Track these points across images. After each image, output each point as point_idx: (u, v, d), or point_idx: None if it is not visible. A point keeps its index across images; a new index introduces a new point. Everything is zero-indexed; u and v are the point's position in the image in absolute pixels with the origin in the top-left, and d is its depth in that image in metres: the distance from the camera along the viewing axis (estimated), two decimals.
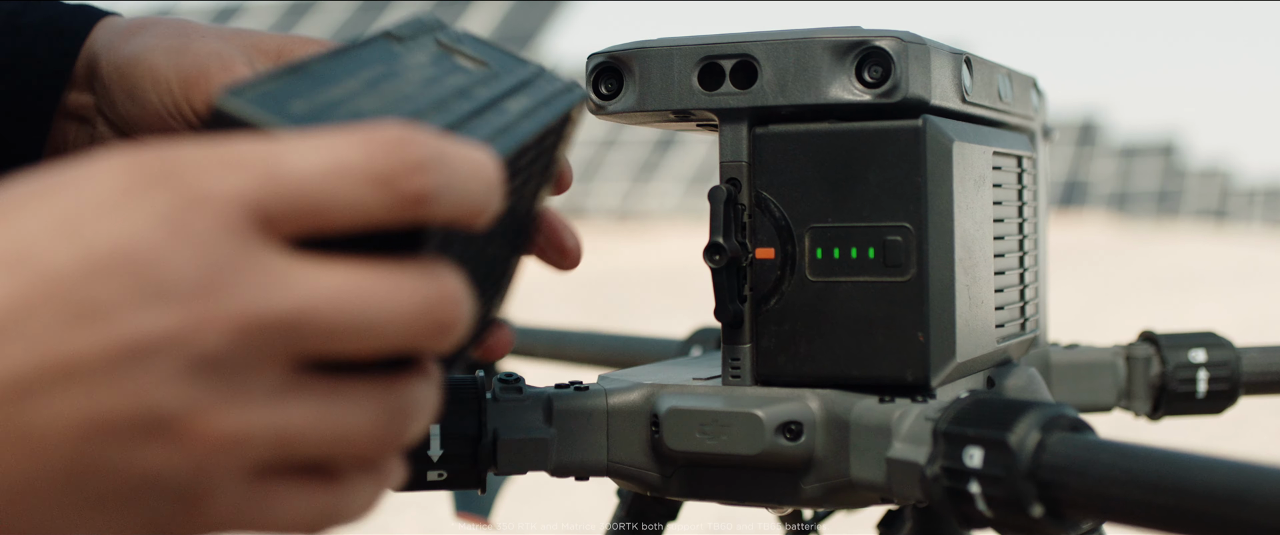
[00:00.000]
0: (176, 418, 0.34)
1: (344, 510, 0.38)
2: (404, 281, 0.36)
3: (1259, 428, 3.46)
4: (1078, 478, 0.47)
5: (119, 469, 0.34)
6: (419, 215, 0.36)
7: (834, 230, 0.57)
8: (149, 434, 0.33)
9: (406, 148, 0.35)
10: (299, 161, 0.35)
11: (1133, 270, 10.74)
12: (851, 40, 0.57)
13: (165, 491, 0.34)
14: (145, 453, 0.34)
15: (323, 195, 0.35)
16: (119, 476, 0.34)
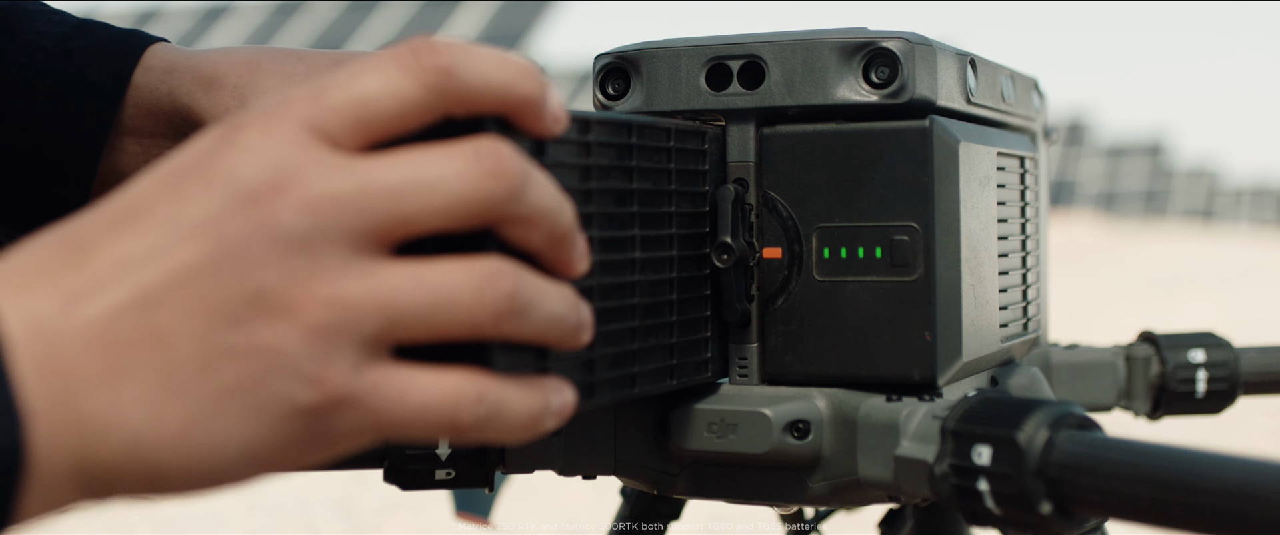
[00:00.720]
0: (277, 290, 0.39)
1: (485, 401, 0.41)
2: (459, 150, 0.41)
3: (1252, 427, 3.47)
4: (1086, 475, 0.48)
5: (241, 349, 0.39)
6: (452, 90, 0.41)
7: (841, 230, 0.57)
8: (258, 310, 0.39)
9: (424, 39, 0.41)
10: (339, 78, 0.41)
11: (1121, 270, 10.76)
12: (859, 41, 0.57)
13: (287, 368, 0.39)
14: (260, 329, 0.39)
15: (362, 94, 0.41)
16: (244, 358, 0.39)
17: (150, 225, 0.39)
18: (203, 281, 0.39)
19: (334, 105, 0.40)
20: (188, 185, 0.39)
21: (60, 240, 0.39)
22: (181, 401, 0.39)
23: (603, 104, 0.61)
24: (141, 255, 0.39)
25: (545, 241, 0.43)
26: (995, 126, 0.66)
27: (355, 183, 0.40)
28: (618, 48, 0.61)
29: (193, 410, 0.39)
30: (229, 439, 0.39)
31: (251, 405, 0.39)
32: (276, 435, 0.40)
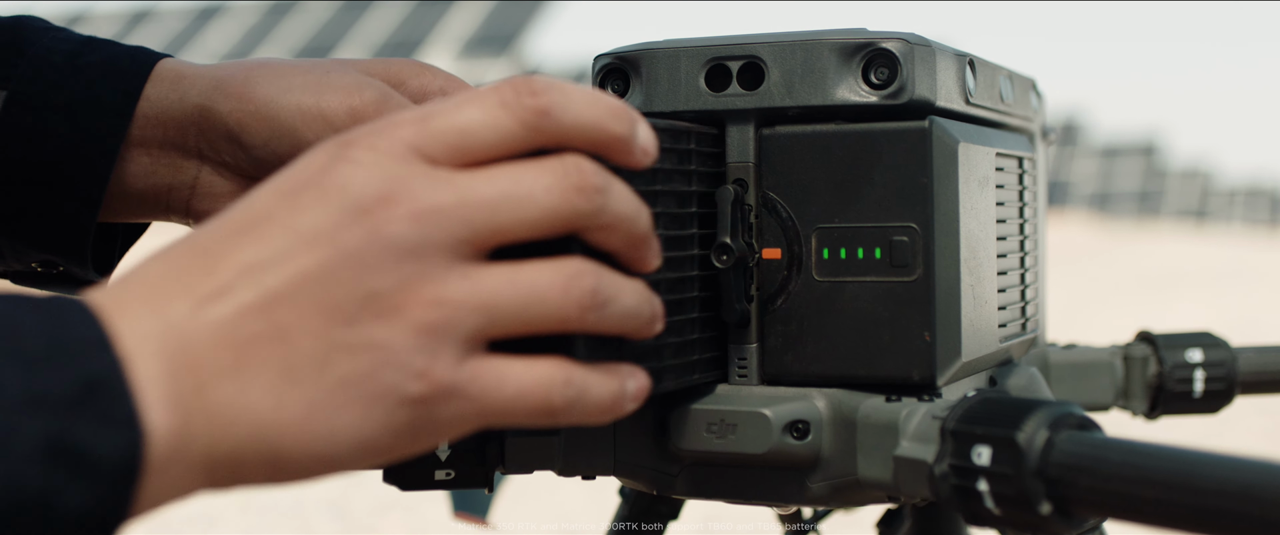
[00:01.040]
0: (387, 293, 0.43)
1: (573, 386, 0.46)
2: (548, 167, 0.46)
3: (1247, 427, 3.48)
4: (1086, 476, 0.48)
5: (356, 345, 0.43)
6: (547, 128, 0.46)
7: (840, 230, 0.57)
8: (371, 311, 0.43)
9: (526, 80, 0.46)
10: (444, 108, 0.46)
11: (1115, 270, 10.78)
12: (858, 42, 0.57)
13: (397, 362, 0.43)
14: (373, 328, 0.43)
15: (465, 125, 0.46)
16: (358, 353, 0.43)
17: (271, 233, 0.43)
18: (320, 284, 0.43)
19: (438, 130, 0.45)
20: (303, 197, 0.44)
21: (189, 248, 0.43)
22: (301, 392, 0.43)
23: None
24: (264, 261, 0.43)
25: (624, 244, 0.48)
26: (994, 127, 0.66)
27: (456, 196, 0.44)
28: (617, 48, 0.61)
29: (312, 400, 0.43)
30: (344, 427, 0.43)
31: (365, 396, 0.43)
32: (387, 424, 0.44)
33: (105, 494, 0.39)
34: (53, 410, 0.38)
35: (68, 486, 0.38)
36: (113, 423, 0.39)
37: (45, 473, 0.38)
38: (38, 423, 0.38)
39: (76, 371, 0.39)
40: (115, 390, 0.39)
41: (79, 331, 0.40)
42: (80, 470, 0.38)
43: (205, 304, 0.42)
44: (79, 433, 0.38)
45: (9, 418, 0.38)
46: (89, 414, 0.39)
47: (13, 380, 0.38)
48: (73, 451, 0.38)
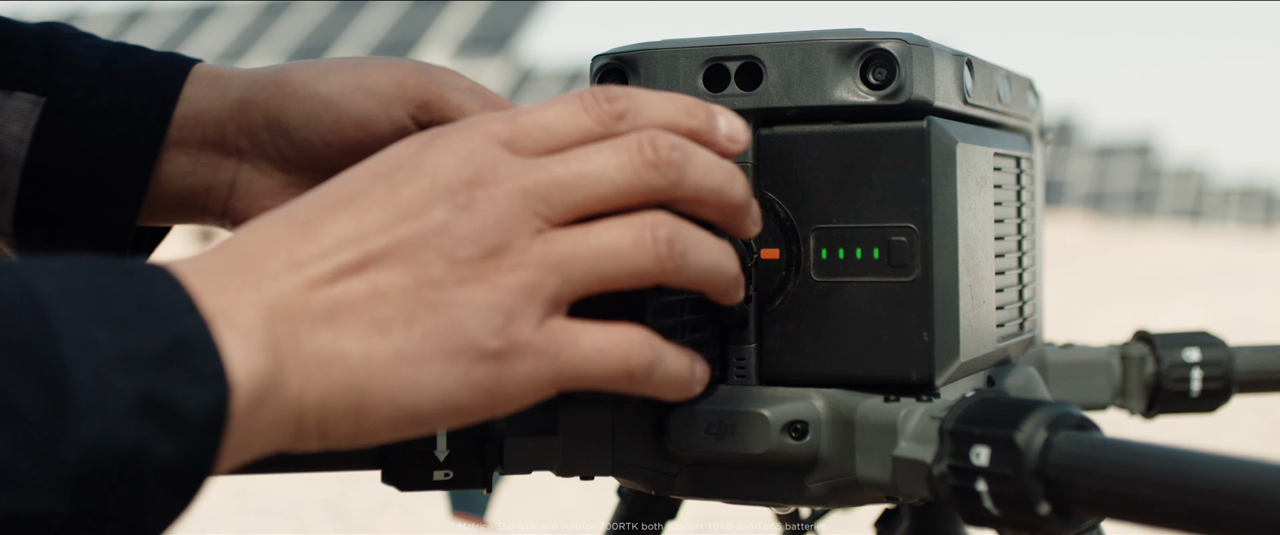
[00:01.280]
0: (471, 262, 0.47)
1: (652, 349, 0.50)
2: (623, 144, 0.50)
3: (1242, 426, 3.48)
4: (1085, 476, 0.48)
5: (442, 304, 0.47)
6: (623, 129, 0.51)
7: (839, 231, 0.57)
8: (457, 276, 0.47)
9: (603, 89, 0.51)
10: (530, 108, 0.51)
11: (1110, 270, 10.78)
12: (856, 42, 0.57)
13: (478, 320, 0.47)
14: (458, 291, 0.47)
15: (548, 121, 0.50)
16: (444, 310, 0.47)
17: (368, 207, 0.47)
18: (413, 251, 0.47)
19: (524, 126, 0.50)
20: (398, 175, 0.48)
21: (285, 221, 0.47)
22: (389, 342, 0.46)
23: None
24: (364, 231, 0.47)
25: (716, 213, 0.52)
26: (991, 127, 0.66)
27: (535, 178, 0.49)
28: (615, 49, 0.61)
29: (399, 350, 0.46)
30: (427, 379, 0.47)
31: (447, 349, 0.47)
32: (466, 379, 0.47)
33: (195, 446, 0.41)
34: (144, 367, 0.40)
35: (160, 440, 0.40)
36: (200, 379, 0.41)
37: (139, 427, 0.40)
38: (131, 379, 0.40)
39: (166, 331, 0.41)
40: (202, 348, 0.42)
41: (165, 295, 0.42)
42: (171, 424, 0.40)
43: (305, 264, 0.46)
44: (169, 388, 0.40)
45: (104, 375, 0.39)
46: (178, 371, 0.41)
47: (107, 339, 0.40)
48: (164, 406, 0.40)
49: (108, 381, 0.39)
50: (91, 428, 0.39)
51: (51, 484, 0.38)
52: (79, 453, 0.39)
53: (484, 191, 0.48)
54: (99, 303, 0.41)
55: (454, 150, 0.49)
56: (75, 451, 0.38)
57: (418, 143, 0.50)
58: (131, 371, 0.40)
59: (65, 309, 0.40)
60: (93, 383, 0.39)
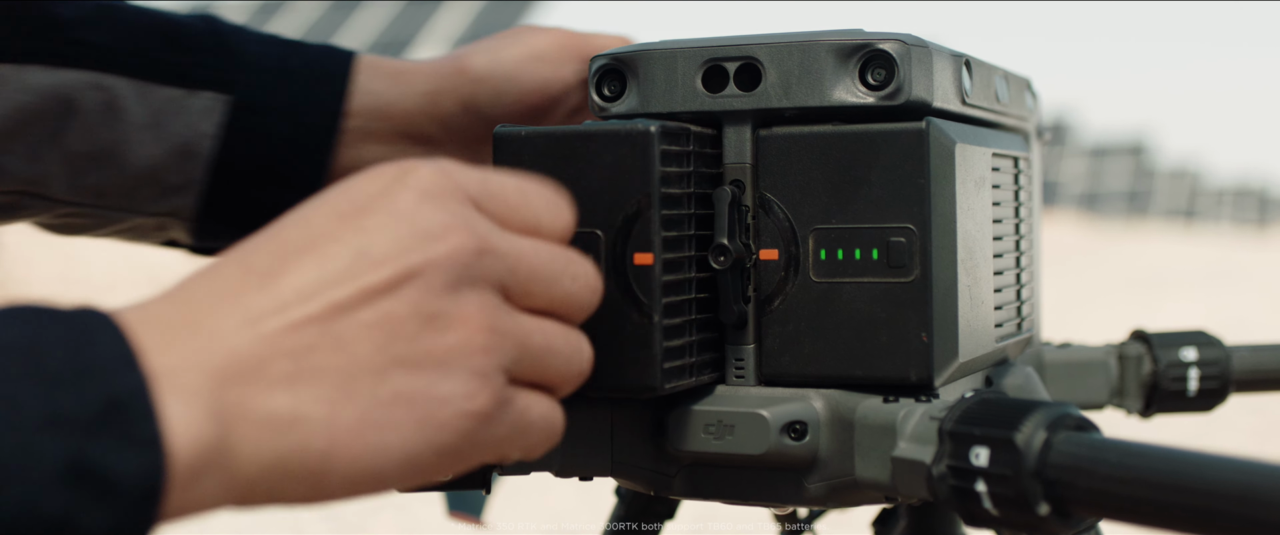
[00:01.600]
0: (448, 314, 0.46)
1: (557, 427, 0.51)
2: (558, 248, 0.51)
3: (1236, 426, 3.49)
4: (1084, 476, 0.48)
5: (415, 359, 0.45)
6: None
7: (838, 231, 0.57)
8: (432, 329, 0.46)
9: (554, 196, 0.52)
10: (500, 178, 0.51)
11: (1104, 270, 10.79)
12: (855, 43, 0.57)
13: (454, 378, 0.46)
14: (433, 343, 0.46)
15: (513, 197, 0.50)
16: (416, 368, 0.45)
17: (334, 253, 0.45)
18: (384, 302, 0.45)
19: (492, 191, 0.50)
20: (368, 220, 0.46)
21: (239, 268, 0.45)
22: (356, 403, 0.44)
23: (599, 106, 0.61)
24: (327, 278, 0.45)
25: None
26: (990, 127, 0.66)
27: (506, 246, 0.49)
28: (614, 50, 0.61)
29: (366, 412, 0.44)
30: (395, 442, 0.45)
31: (419, 412, 0.45)
32: (434, 442, 0.46)
33: (126, 516, 0.38)
34: (73, 431, 0.38)
35: (89, 509, 0.38)
36: (135, 443, 0.39)
37: (66, 495, 0.37)
38: (58, 444, 0.37)
39: (99, 390, 0.39)
40: (138, 410, 0.39)
41: (105, 349, 0.40)
42: (101, 492, 0.38)
43: (262, 318, 0.43)
44: (100, 454, 0.38)
45: (29, 438, 0.37)
46: (110, 434, 0.38)
47: (33, 400, 0.38)
48: (94, 473, 0.38)
49: (31, 446, 0.37)
50: (11, 496, 0.36)
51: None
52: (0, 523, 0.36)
53: (461, 243, 0.47)
54: (27, 359, 0.38)
55: (428, 195, 0.47)
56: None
57: (383, 179, 0.48)
58: (59, 435, 0.38)
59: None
60: (14, 446, 0.37)
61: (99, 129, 0.73)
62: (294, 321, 0.44)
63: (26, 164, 0.72)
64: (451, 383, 0.46)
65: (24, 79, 0.71)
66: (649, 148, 0.55)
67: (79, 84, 0.72)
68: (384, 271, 0.45)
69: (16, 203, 0.74)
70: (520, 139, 0.57)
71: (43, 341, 0.39)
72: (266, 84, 0.74)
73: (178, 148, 0.74)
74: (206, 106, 0.74)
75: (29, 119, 0.72)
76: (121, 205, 0.75)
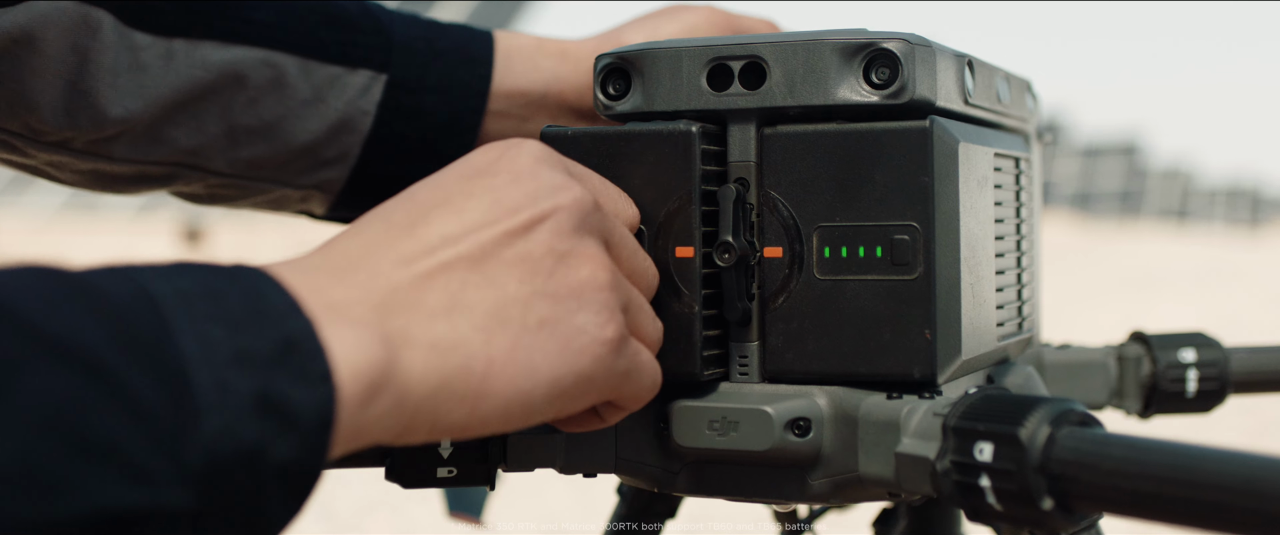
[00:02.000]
0: (576, 252, 0.52)
1: (657, 378, 0.56)
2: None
3: (1228, 426, 3.49)
4: (1088, 471, 0.48)
5: (555, 292, 0.51)
6: None
7: (842, 229, 0.58)
8: (566, 265, 0.51)
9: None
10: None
11: (1097, 270, 10.80)
12: (860, 42, 0.58)
13: (590, 308, 0.51)
14: (564, 273, 0.51)
15: (597, 179, 0.57)
16: (558, 298, 0.51)
17: (472, 206, 0.51)
18: (521, 242, 0.50)
19: (585, 171, 0.56)
20: (496, 178, 0.52)
21: (383, 224, 0.50)
22: (508, 330, 0.49)
23: (604, 104, 0.62)
24: (469, 226, 0.50)
25: None
26: (991, 127, 0.67)
27: (610, 211, 0.56)
28: (618, 48, 0.62)
29: (517, 338, 0.49)
30: (543, 365, 0.50)
31: (561, 338, 0.50)
32: (576, 367, 0.51)
33: (307, 445, 0.41)
34: (258, 367, 0.41)
35: (276, 437, 0.41)
36: (309, 379, 0.42)
37: (258, 425, 0.40)
38: (247, 378, 0.40)
39: (274, 332, 0.42)
40: (309, 349, 0.42)
41: (272, 297, 0.43)
42: (286, 422, 0.41)
43: (414, 261, 0.48)
44: (282, 388, 0.41)
45: (222, 373, 0.40)
46: (288, 371, 0.41)
47: (223, 339, 0.40)
48: (278, 405, 0.41)
49: (225, 380, 0.40)
50: (212, 425, 0.39)
51: (179, 480, 0.38)
52: (201, 451, 0.39)
53: (580, 195, 0.52)
54: (211, 303, 0.41)
55: (541, 159, 0.53)
56: (198, 449, 0.39)
57: (496, 149, 0.53)
58: (247, 371, 0.40)
59: (180, 308, 0.40)
60: (212, 381, 0.39)
61: (265, 104, 0.76)
62: (445, 261, 0.49)
63: (191, 136, 0.75)
64: (586, 313, 0.51)
65: (199, 54, 0.74)
66: (691, 147, 0.57)
67: (250, 60, 0.75)
68: (520, 216, 0.51)
69: (172, 173, 0.77)
70: (566, 138, 0.60)
71: (219, 289, 0.42)
72: (420, 63, 0.78)
73: (337, 123, 0.77)
74: (365, 84, 0.77)
75: (201, 93, 0.74)
76: (274, 177, 0.79)
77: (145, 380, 0.38)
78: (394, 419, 0.46)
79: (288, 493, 0.41)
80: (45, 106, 0.71)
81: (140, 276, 0.41)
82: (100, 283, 0.40)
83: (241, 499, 0.40)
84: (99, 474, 0.36)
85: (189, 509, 0.38)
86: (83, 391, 0.37)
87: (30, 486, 0.35)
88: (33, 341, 0.37)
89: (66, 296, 0.39)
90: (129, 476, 0.37)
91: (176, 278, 0.42)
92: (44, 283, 0.39)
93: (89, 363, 0.37)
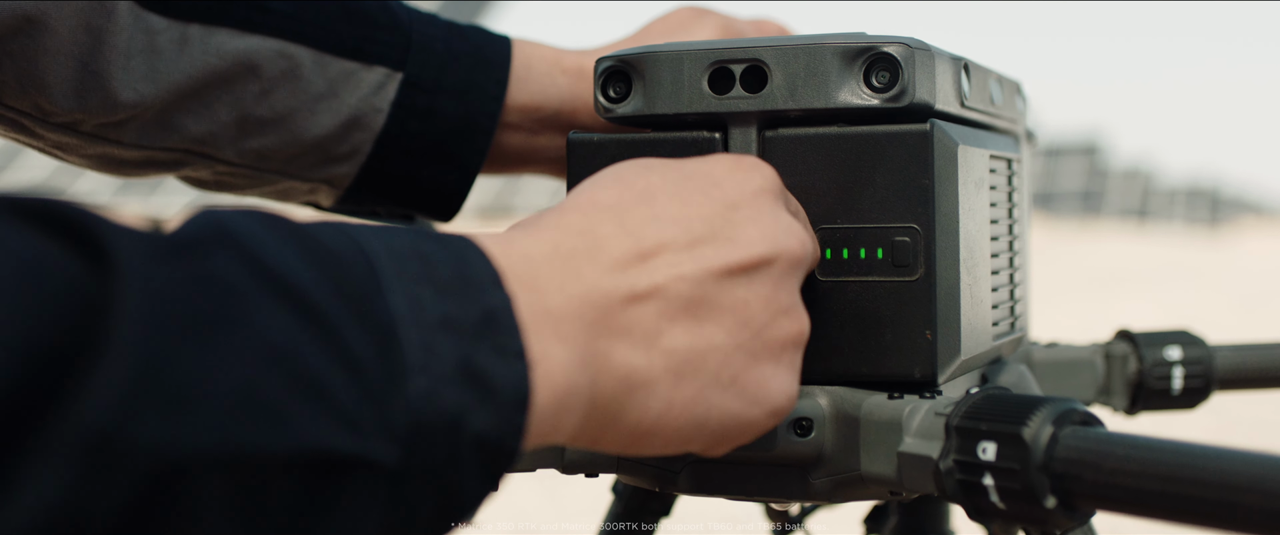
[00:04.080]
0: (792, 306, 0.52)
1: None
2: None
3: (1193, 425, 3.52)
4: (1091, 470, 0.49)
5: (757, 347, 0.50)
6: None
7: (843, 231, 0.58)
8: (775, 318, 0.51)
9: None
10: None
11: (1059, 268, 10.87)
12: (860, 46, 0.58)
13: (785, 365, 0.51)
14: (774, 329, 0.51)
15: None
16: (758, 353, 0.50)
17: (697, 224, 0.50)
18: (743, 287, 0.50)
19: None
20: (731, 198, 0.51)
21: (614, 221, 0.49)
22: (698, 379, 0.48)
23: (604, 107, 0.62)
24: (691, 241, 0.49)
25: None
26: (986, 129, 0.67)
27: (814, 246, 0.56)
28: (620, 51, 0.62)
29: (703, 390, 0.49)
30: (715, 419, 0.49)
31: (748, 398, 0.50)
32: (747, 422, 0.50)
33: (504, 419, 0.41)
34: (463, 335, 0.40)
35: (475, 407, 0.40)
36: (506, 355, 0.41)
37: (459, 392, 0.40)
38: (452, 344, 0.40)
39: (478, 302, 0.41)
40: (507, 325, 0.42)
41: (477, 267, 0.43)
42: (485, 393, 0.40)
43: (628, 267, 0.47)
44: (483, 358, 0.41)
45: (429, 336, 0.40)
46: (488, 343, 0.41)
47: (431, 302, 0.40)
48: (479, 375, 0.40)
49: (432, 343, 0.40)
50: (418, 386, 0.39)
51: (386, 436, 0.38)
52: (406, 410, 0.38)
53: (802, 240, 0.53)
54: (422, 266, 0.41)
55: (776, 194, 0.53)
56: (403, 408, 0.38)
57: (729, 164, 0.53)
58: (452, 337, 0.40)
59: (392, 267, 0.40)
60: (419, 342, 0.39)
61: (278, 96, 0.75)
62: (659, 283, 0.48)
63: (200, 123, 0.75)
64: (780, 375, 0.51)
65: (214, 42, 0.73)
66: (715, 152, 0.58)
67: (265, 51, 0.74)
68: (747, 253, 0.50)
69: (181, 160, 0.77)
70: (593, 145, 0.60)
71: (429, 252, 0.42)
72: (437, 64, 0.77)
73: (349, 119, 0.76)
74: (380, 81, 0.77)
75: (214, 81, 0.74)
76: (282, 169, 0.78)
77: (358, 332, 0.38)
78: (573, 433, 0.46)
79: (483, 467, 0.41)
80: (55, 87, 0.70)
81: (354, 231, 0.41)
82: (318, 232, 0.40)
83: (440, 465, 0.39)
84: (313, 414, 0.36)
85: (393, 466, 0.38)
86: (301, 333, 0.37)
87: (252, 414, 0.34)
88: (259, 277, 0.37)
89: (287, 240, 0.38)
90: (341, 422, 0.36)
91: (389, 236, 0.42)
92: (266, 224, 0.39)
93: (308, 305, 0.37)
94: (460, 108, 0.78)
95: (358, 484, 0.37)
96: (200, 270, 0.36)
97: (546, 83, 0.79)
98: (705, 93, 0.60)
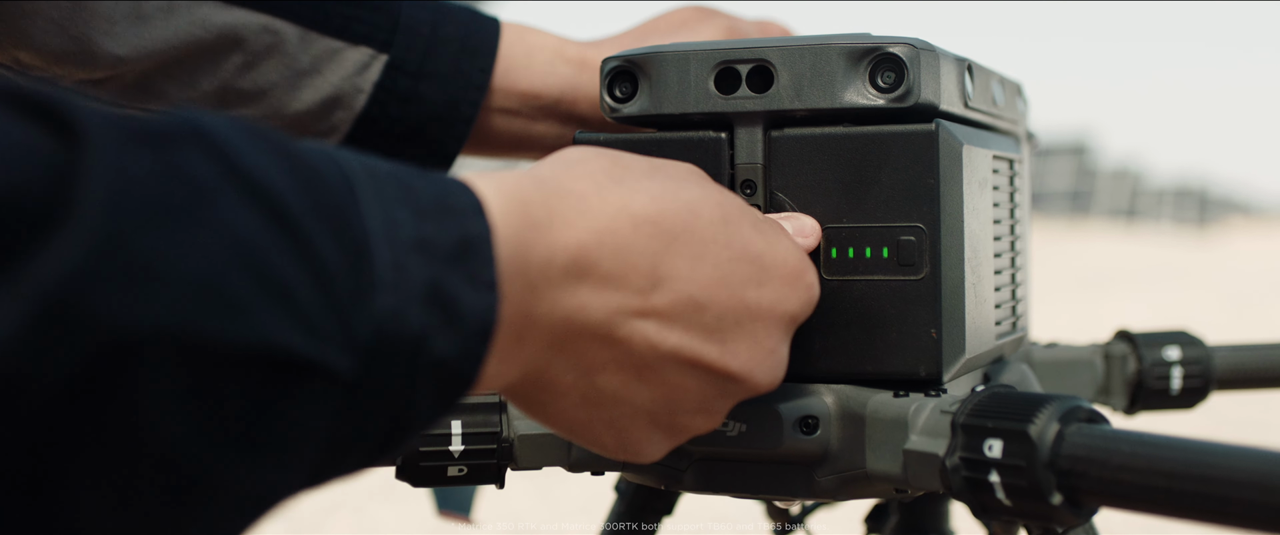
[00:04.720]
0: (779, 352, 0.54)
1: None
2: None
3: (1182, 425, 3.53)
4: (1097, 467, 0.49)
5: (708, 407, 0.53)
6: None
7: (849, 231, 0.59)
8: (731, 380, 0.52)
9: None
10: None
11: (1048, 268, 10.88)
12: (866, 46, 0.59)
13: (718, 413, 0.53)
14: (736, 386, 0.53)
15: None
16: (698, 409, 0.53)
17: (716, 290, 0.51)
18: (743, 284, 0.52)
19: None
20: (762, 265, 0.53)
21: (630, 225, 0.49)
22: (635, 424, 0.52)
23: (610, 106, 0.62)
24: (706, 289, 0.51)
25: None
26: (989, 129, 0.68)
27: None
28: (626, 51, 0.62)
29: (626, 432, 0.53)
30: (647, 447, 0.53)
31: (679, 433, 0.53)
32: (672, 443, 0.54)
33: (466, 348, 0.41)
34: (435, 258, 0.41)
35: (439, 331, 0.40)
36: (478, 284, 0.42)
37: (425, 313, 0.40)
38: (423, 266, 0.40)
39: (456, 228, 0.42)
40: (483, 255, 0.42)
41: (460, 196, 0.43)
42: (450, 318, 0.41)
43: (623, 288, 0.49)
44: (454, 284, 0.41)
45: (402, 256, 0.40)
46: (461, 270, 0.41)
47: (407, 223, 0.41)
48: (448, 299, 0.41)
49: (403, 262, 0.40)
50: (384, 303, 0.39)
51: (344, 346, 0.38)
52: (369, 324, 0.38)
53: (811, 288, 0.55)
54: (402, 190, 0.41)
55: (786, 241, 0.55)
56: (366, 322, 0.38)
57: (772, 234, 0.54)
58: (425, 259, 0.40)
59: (371, 186, 0.40)
60: (390, 260, 0.39)
61: (260, 70, 0.75)
62: (633, 340, 0.49)
63: (181, 91, 0.74)
64: (660, 447, 0.53)
65: (201, 12, 0.73)
66: (720, 154, 0.59)
67: (251, 25, 0.74)
68: (726, 363, 0.52)
69: None
70: (598, 145, 0.60)
71: (411, 177, 0.42)
72: (422, 48, 0.77)
73: (330, 98, 0.76)
74: (364, 61, 0.76)
75: (197, 52, 0.73)
76: None
77: (328, 242, 0.38)
78: (503, 381, 0.47)
79: (437, 392, 0.41)
80: (38, 41, 0.70)
81: (338, 153, 0.41)
82: (301, 147, 0.40)
83: (395, 384, 0.39)
84: (274, 312, 0.36)
85: (348, 377, 0.38)
86: (269, 234, 0.37)
87: (211, 302, 0.34)
88: (231, 173, 0.37)
89: (266, 149, 0.39)
90: (301, 325, 0.37)
91: (373, 161, 0.42)
92: (248, 132, 0.39)
93: (278, 209, 0.37)
94: (443, 93, 0.78)
95: (311, 390, 0.37)
96: (171, 160, 0.36)
97: (547, 71, 0.80)
98: (711, 93, 0.60)
